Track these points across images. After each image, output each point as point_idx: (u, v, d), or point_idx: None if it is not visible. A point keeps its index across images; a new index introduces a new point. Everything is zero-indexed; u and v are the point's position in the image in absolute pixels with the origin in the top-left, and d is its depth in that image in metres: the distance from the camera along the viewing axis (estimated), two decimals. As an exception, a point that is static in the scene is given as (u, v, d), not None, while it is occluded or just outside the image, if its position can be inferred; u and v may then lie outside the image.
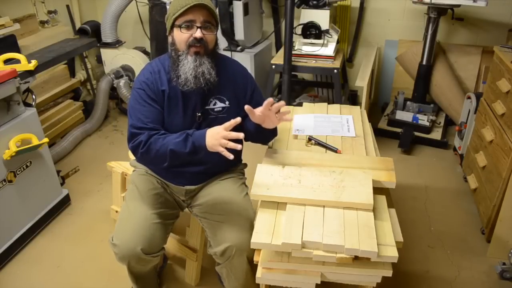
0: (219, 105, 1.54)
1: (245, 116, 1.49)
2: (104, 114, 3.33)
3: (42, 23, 3.14)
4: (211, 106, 1.53)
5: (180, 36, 1.43)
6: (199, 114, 1.51)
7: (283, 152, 1.64)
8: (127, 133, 1.48)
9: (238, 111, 1.52)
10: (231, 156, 1.31)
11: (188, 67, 1.42)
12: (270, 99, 1.38)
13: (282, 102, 1.42)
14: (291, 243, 1.20)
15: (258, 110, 1.41)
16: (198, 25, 1.41)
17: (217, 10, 2.79)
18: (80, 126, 3.15)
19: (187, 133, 1.40)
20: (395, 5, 3.24)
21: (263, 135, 1.57)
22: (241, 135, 1.31)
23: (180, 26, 1.42)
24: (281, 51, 2.98)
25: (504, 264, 1.89)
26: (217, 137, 1.33)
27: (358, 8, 3.27)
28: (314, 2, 2.80)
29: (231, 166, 1.70)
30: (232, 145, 1.31)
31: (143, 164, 1.67)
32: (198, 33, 1.41)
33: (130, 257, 1.44)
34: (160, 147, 1.40)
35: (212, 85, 1.48)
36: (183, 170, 1.57)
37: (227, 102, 1.55)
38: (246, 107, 1.39)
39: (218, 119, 1.52)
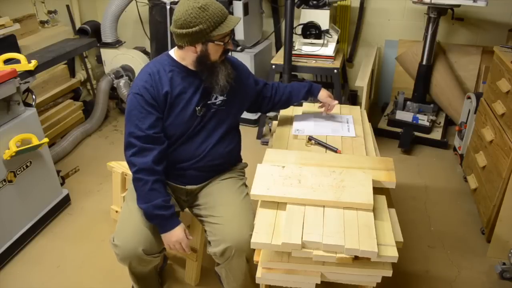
0: (220, 98, 1.57)
1: (260, 93, 1.77)
2: (104, 114, 3.33)
3: (42, 23, 3.14)
4: (213, 100, 1.55)
5: (218, 50, 1.46)
6: (199, 107, 1.52)
7: (283, 152, 1.64)
8: (124, 140, 1.48)
9: (236, 103, 1.60)
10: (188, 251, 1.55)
11: (223, 74, 1.48)
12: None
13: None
14: (291, 243, 1.20)
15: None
16: (228, 37, 1.47)
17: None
18: (80, 126, 3.15)
19: (162, 215, 1.46)
20: (395, 5, 3.24)
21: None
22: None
23: (223, 41, 1.44)
24: (281, 51, 2.98)
25: (504, 264, 1.89)
26: (172, 245, 1.49)
27: (358, 8, 3.27)
28: (314, 2, 2.80)
29: (231, 163, 1.71)
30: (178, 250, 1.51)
31: None
32: (231, 45, 1.48)
33: (131, 258, 1.45)
34: (141, 195, 1.47)
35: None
36: (184, 166, 1.58)
37: (225, 95, 1.57)
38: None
39: (218, 112, 1.57)
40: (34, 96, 2.23)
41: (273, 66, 2.91)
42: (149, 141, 1.45)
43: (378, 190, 1.43)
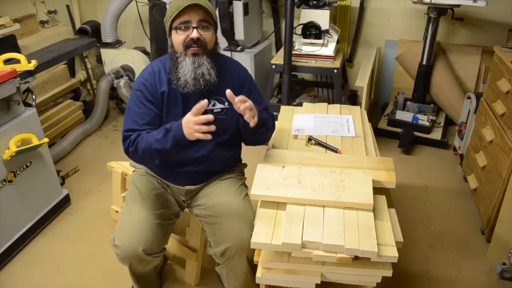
0: (218, 106, 1.54)
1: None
2: (104, 114, 3.33)
3: (42, 23, 3.14)
4: (210, 107, 1.53)
5: (177, 38, 1.43)
6: None
7: (283, 152, 1.64)
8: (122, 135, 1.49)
9: (238, 113, 1.51)
10: (208, 137, 1.32)
11: (187, 69, 1.42)
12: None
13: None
14: (291, 243, 1.21)
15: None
16: (194, 25, 1.41)
17: (216, 10, 2.81)
18: (80, 126, 3.15)
19: (165, 129, 1.39)
20: (395, 5, 3.24)
21: (256, 133, 1.54)
22: (210, 117, 1.32)
23: (177, 28, 1.42)
24: (281, 51, 2.98)
25: (504, 264, 1.89)
26: (190, 125, 1.33)
27: (358, 8, 3.27)
28: (314, 2, 2.80)
29: (231, 166, 1.70)
30: (206, 128, 1.31)
31: (142, 165, 1.67)
32: (194, 34, 1.41)
33: (131, 258, 1.45)
34: (145, 146, 1.41)
35: (213, 86, 1.48)
36: (183, 169, 1.57)
37: (226, 103, 1.55)
38: (228, 91, 1.36)
39: (217, 121, 1.51)
40: (34, 96, 2.23)
41: (273, 66, 2.91)
42: None
43: (378, 190, 1.43)
